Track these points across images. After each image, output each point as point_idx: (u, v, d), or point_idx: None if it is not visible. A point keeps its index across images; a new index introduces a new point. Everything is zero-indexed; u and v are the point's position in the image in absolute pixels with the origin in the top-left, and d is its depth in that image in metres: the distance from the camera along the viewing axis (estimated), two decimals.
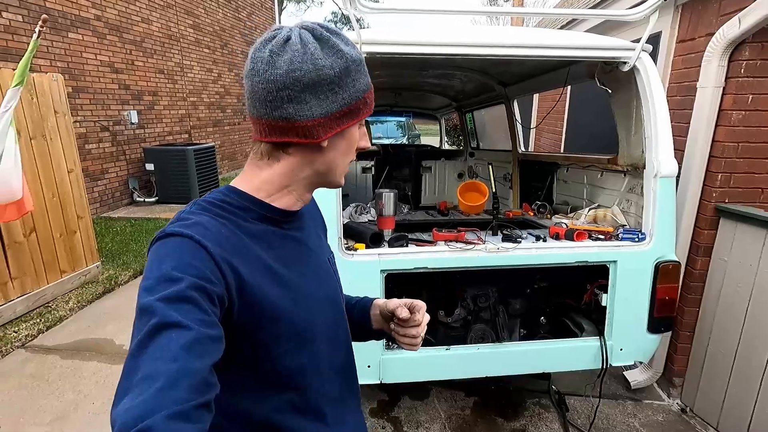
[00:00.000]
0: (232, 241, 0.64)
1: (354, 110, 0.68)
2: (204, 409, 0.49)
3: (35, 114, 3.44)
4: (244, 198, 0.69)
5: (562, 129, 4.92)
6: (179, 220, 0.63)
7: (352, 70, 0.66)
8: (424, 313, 0.83)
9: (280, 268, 0.69)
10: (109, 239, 5.06)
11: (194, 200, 0.69)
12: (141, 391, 0.46)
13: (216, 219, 0.65)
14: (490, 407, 2.52)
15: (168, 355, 0.49)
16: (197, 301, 0.54)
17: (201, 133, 8.90)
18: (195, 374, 0.49)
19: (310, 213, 0.84)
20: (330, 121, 0.66)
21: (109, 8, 6.28)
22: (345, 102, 0.66)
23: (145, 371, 0.48)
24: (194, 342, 0.51)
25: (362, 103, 0.69)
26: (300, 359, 0.71)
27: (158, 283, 0.55)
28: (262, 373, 0.68)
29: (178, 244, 0.59)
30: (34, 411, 2.44)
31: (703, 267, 2.34)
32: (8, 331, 3.17)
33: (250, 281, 0.63)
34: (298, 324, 0.70)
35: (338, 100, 0.66)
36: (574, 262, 1.87)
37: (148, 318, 0.52)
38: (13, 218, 3.01)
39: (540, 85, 2.99)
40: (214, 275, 0.59)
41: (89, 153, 5.94)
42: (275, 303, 0.66)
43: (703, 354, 2.36)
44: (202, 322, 0.53)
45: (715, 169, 2.23)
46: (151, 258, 0.60)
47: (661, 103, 1.84)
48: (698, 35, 2.38)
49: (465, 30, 1.92)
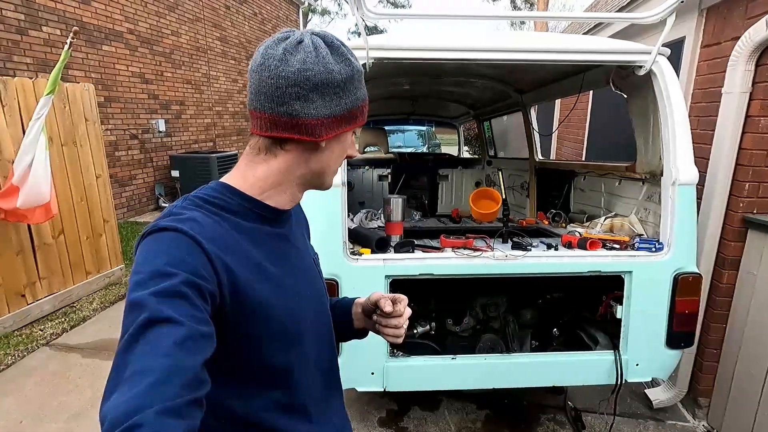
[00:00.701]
0: (224, 238, 0.64)
1: (353, 116, 0.71)
2: (195, 406, 0.48)
3: (67, 121, 3.62)
4: (237, 195, 0.69)
5: (584, 137, 4.81)
6: (171, 215, 0.63)
7: (356, 79, 0.70)
8: (405, 305, 0.84)
9: (269, 266, 0.69)
10: (134, 243, 5.23)
11: (185, 195, 0.69)
12: (132, 386, 0.45)
13: (208, 215, 0.65)
14: (502, 421, 2.44)
15: (159, 350, 0.48)
16: (190, 298, 0.54)
17: (225, 142, 9.15)
18: (187, 371, 0.49)
19: (296, 214, 0.85)
20: (332, 122, 0.69)
21: (141, 22, 6.58)
22: (347, 107, 0.69)
23: (136, 367, 0.47)
24: (186, 338, 0.50)
25: (359, 111, 0.73)
26: (287, 357, 0.71)
27: (151, 278, 0.54)
28: (250, 371, 0.68)
29: (171, 239, 0.59)
30: (54, 407, 2.52)
31: (730, 281, 2.22)
32: (35, 329, 3.30)
33: (241, 278, 0.63)
34: (286, 322, 0.70)
35: (342, 104, 0.69)
36: (586, 271, 1.81)
37: (139, 313, 0.51)
38: (41, 221, 3.16)
39: (556, 92, 2.94)
40: (207, 272, 0.58)
41: (118, 160, 6.19)
42: (265, 301, 0.66)
43: (731, 373, 2.22)
44: (195, 318, 0.53)
45: (742, 178, 2.12)
46: (142, 252, 0.59)
47: (680, 108, 1.77)
48: (724, 39, 2.29)
49: (476, 35, 1.90)
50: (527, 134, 3.40)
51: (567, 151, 5.48)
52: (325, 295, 0.85)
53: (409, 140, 10.25)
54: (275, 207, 0.72)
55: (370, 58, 1.72)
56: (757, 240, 2.08)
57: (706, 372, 2.36)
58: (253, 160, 0.72)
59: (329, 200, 1.67)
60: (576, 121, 5.00)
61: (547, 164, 3.31)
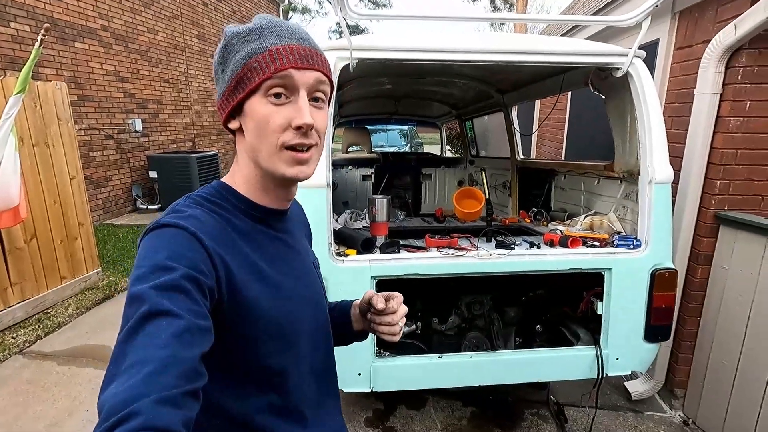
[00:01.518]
0: (223, 237, 0.64)
1: (241, 80, 0.64)
2: (192, 397, 0.49)
3: (38, 121, 3.49)
4: (231, 194, 0.70)
5: (563, 136, 4.91)
6: (174, 212, 0.64)
7: (234, 44, 0.65)
8: (400, 302, 0.84)
9: (266, 267, 0.69)
10: (111, 246, 5.09)
11: (187, 194, 0.69)
12: (129, 376, 0.45)
13: (209, 213, 0.66)
14: (487, 418, 2.48)
15: (158, 342, 0.49)
16: (189, 291, 0.54)
17: (205, 141, 8.98)
18: (184, 362, 0.49)
19: (298, 217, 0.86)
20: (224, 101, 0.68)
21: (115, 19, 6.40)
22: (229, 76, 0.65)
23: (134, 357, 0.47)
24: (184, 331, 0.51)
25: (248, 69, 0.63)
26: (283, 360, 0.71)
27: (151, 272, 0.55)
28: (245, 372, 0.68)
29: (173, 235, 0.60)
30: (29, 417, 2.43)
31: (704, 275, 2.30)
32: (6, 337, 3.17)
33: (238, 278, 0.63)
34: (282, 324, 0.69)
35: (225, 78, 0.67)
36: (568, 269, 1.85)
37: (139, 305, 0.51)
38: (9, 225, 3.04)
39: (537, 93, 2.99)
40: (207, 267, 0.59)
41: (93, 160, 6.01)
42: (261, 301, 0.66)
43: (705, 364, 2.31)
44: (193, 312, 0.53)
45: (714, 176, 2.20)
46: (144, 247, 0.60)
47: (655, 109, 1.82)
48: (695, 42, 2.37)
49: (459, 36, 1.92)
50: (509, 134, 3.45)
51: (547, 150, 5.59)
52: (323, 299, 0.85)
53: (392, 140, 10.27)
54: (264, 206, 0.72)
55: (354, 58, 1.72)
56: (728, 236, 2.16)
57: (681, 364, 2.45)
58: (234, 158, 0.74)
59: (314, 201, 1.66)
60: (555, 120, 5.10)
61: (528, 163, 3.37)
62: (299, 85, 0.64)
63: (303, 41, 0.66)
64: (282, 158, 0.65)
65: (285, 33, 0.65)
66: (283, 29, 0.65)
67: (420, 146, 10.92)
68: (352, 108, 4.22)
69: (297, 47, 0.64)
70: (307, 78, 0.64)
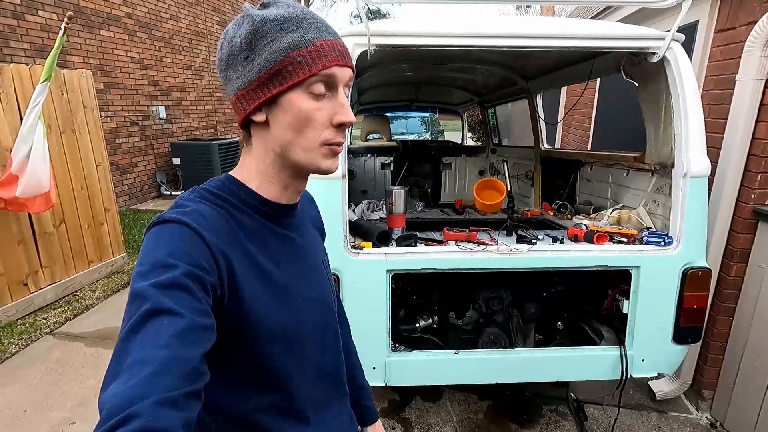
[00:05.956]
0: (227, 233, 0.63)
1: (279, 72, 0.60)
2: (193, 398, 0.48)
3: (65, 109, 3.57)
4: (240, 188, 0.68)
5: (590, 125, 4.72)
6: (177, 207, 0.63)
7: (267, 31, 0.60)
8: None
9: (271, 267, 0.67)
10: (136, 231, 5.23)
11: (193, 188, 0.68)
12: (130, 376, 0.45)
13: (214, 208, 0.64)
14: (504, 412, 2.44)
15: (159, 341, 0.48)
16: (191, 289, 0.53)
17: (227, 129, 9.06)
18: (186, 362, 0.48)
19: (308, 212, 0.83)
20: (250, 91, 0.62)
21: (139, 6, 6.45)
22: (263, 66, 0.61)
23: (136, 357, 0.47)
24: (186, 330, 0.50)
25: (290, 62, 0.60)
26: (286, 361, 0.69)
27: (153, 269, 0.54)
28: (248, 371, 0.67)
29: (175, 231, 0.58)
30: (58, 396, 2.53)
31: (739, 274, 2.18)
32: (38, 318, 3.31)
33: (240, 276, 0.62)
34: (284, 324, 0.68)
35: (254, 66, 0.61)
36: (593, 266, 1.77)
37: (141, 303, 0.51)
38: (41, 210, 3.14)
39: (564, 79, 2.85)
40: (209, 264, 0.58)
41: (119, 147, 6.14)
42: (262, 301, 0.64)
43: (737, 366, 2.20)
44: (195, 310, 0.52)
45: (754, 169, 2.06)
46: (146, 243, 0.59)
47: (693, 97, 1.70)
48: (739, 24, 2.20)
49: (481, 21, 1.83)
50: (533, 122, 3.33)
51: (572, 139, 5.39)
52: (331, 297, 0.82)
53: (411, 127, 10.13)
54: (274, 201, 0.70)
55: (372, 44, 1.66)
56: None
57: (710, 365, 2.34)
58: (244, 150, 0.71)
59: (329, 192, 1.63)
60: (582, 108, 4.90)
61: (552, 153, 3.25)
62: (339, 82, 0.63)
63: (338, 36, 0.65)
64: (320, 152, 0.65)
65: (321, 26, 0.63)
66: (318, 21, 0.64)
67: (441, 134, 10.73)
68: (372, 95, 4.15)
69: (336, 43, 0.63)
70: (345, 75, 0.64)
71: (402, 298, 2.03)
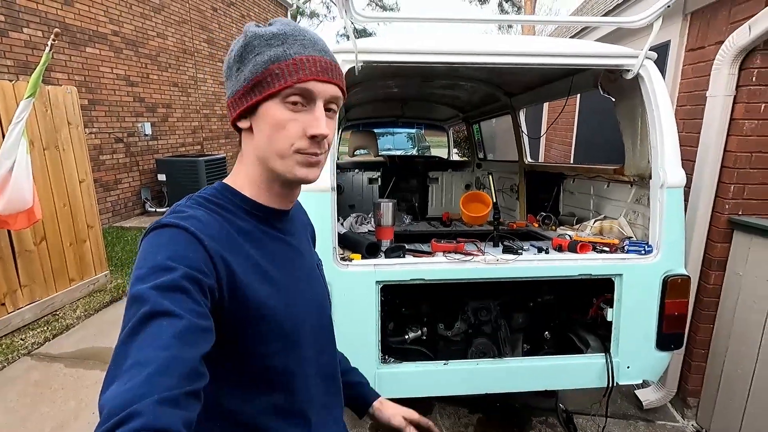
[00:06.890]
0: (225, 237, 0.64)
1: (259, 83, 0.64)
2: (193, 398, 0.48)
3: (49, 125, 3.53)
4: (233, 194, 0.70)
5: (572, 139, 4.85)
6: (174, 212, 0.64)
7: (256, 45, 0.65)
8: None
9: (269, 268, 0.69)
10: (119, 248, 5.14)
11: (189, 195, 0.69)
12: (130, 377, 0.45)
13: (210, 214, 0.66)
14: (494, 425, 2.43)
15: (159, 342, 0.49)
16: (190, 292, 0.54)
17: (213, 145, 9.04)
18: (185, 362, 0.49)
19: (300, 219, 0.85)
20: (237, 99, 0.67)
21: (126, 24, 6.48)
22: (247, 77, 0.65)
23: (135, 358, 0.47)
24: (185, 331, 0.51)
25: (269, 74, 0.64)
26: (287, 361, 0.70)
27: (152, 272, 0.55)
28: (249, 373, 0.68)
29: (173, 235, 0.60)
30: (36, 418, 2.44)
31: (717, 282, 2.24)
32: (16, 339, 3.20)
33: (240, 277, 0.63)
34: (285, 325, 0.69)
35: (241, 78, 0.66)
36: (577, 275, 1.81)
37: (140, 306, 0.51)
38: (24, 227, 3.07)
39: (545, 95, 2.95)
40: (207, 267, 0.59)
41: (103, 164, 6.07)
42: (263, 301, 0.65)
43: (719, 373, 2.25)
44: (194, 312, 0.53)
45: (727, 180, 2.15)
46: (144, 248, 0.60)
47: (667, 112, 1.78)
48: (708, 43, 2.32)
49: (466, 38, 1.90)
50: (516, 137, 3.41)
51: (555, 154, 5.53)
52: (327, 301, 0.84)
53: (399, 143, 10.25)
54: (267, 206, 0.72)
55: (359, 61, 1.70)
56: (743, 241, 2.11)
57: (694, 372, 2.39)
58: (238, 157, 0.74)
59: (319, 205, 1.65)
60: (564, 123, 5.05)
61: (536, 167, 3.33)
62: (317, 96, 0.66)
63: (324, 53, 0.67)
64: (294, 160, 0.66)
65: (308, 43, 0.66)
66: (306, 38, 0.66)
67: (427, 149, 10.89)
68: (359, 111, 4.21)
69: (319, 59, 0.65)
70: (326, 90, 0.66)
71: (391, 311, 2.04)
